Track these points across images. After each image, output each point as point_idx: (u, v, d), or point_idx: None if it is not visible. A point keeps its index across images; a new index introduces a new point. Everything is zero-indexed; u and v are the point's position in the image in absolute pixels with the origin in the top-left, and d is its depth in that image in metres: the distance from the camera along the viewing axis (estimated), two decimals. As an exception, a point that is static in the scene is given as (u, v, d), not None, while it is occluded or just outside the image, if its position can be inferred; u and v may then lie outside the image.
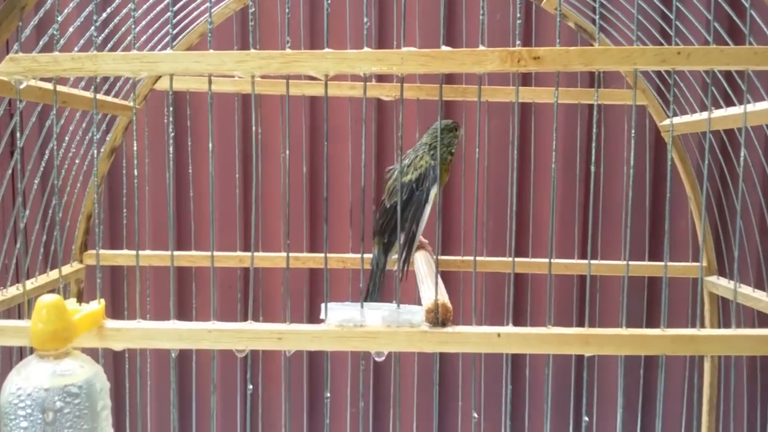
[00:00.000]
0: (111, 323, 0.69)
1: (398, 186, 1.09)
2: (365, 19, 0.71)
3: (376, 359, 0.72)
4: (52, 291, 0.99)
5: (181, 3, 1.16)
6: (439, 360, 1.61)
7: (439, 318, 0.71)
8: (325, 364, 0.71)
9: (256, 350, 1.41)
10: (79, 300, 1.13)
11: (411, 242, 1.08)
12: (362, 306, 0.71)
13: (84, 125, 1.09)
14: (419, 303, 0.76)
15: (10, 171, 0.87)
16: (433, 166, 1.08)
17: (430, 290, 0.76)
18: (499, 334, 0.70)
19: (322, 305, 0.72)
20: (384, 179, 1.19)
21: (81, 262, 1.15)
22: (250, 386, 0.80)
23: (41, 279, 1.00)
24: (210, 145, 0.72)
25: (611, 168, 1.57)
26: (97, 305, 0.69)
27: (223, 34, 1.57)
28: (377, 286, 1.13)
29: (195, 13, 1.17)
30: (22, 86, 0.70)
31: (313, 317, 1.62)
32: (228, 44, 1.56)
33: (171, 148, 0.71)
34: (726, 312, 1.23)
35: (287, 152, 0.72)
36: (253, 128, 0.72)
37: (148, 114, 1.52)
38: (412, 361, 1.63)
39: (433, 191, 1.08)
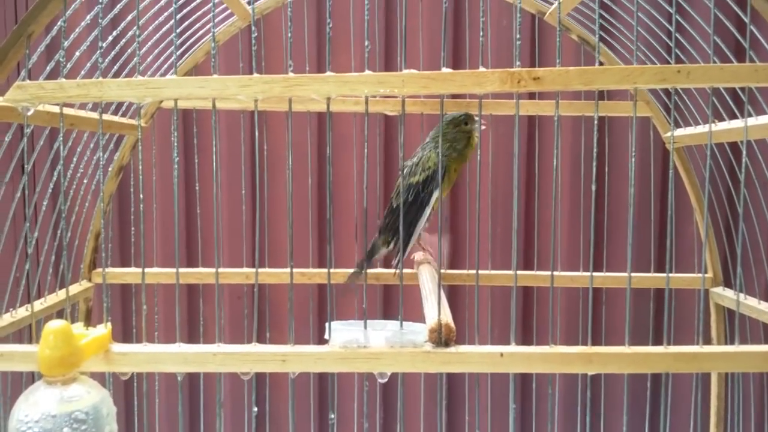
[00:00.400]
0: (117, 347, 0.70)
1: (405, 186, 1.08)
2: (366, 43, 0.72)
3: (380, 380, 0.73)
4: (60, 311, 1.00)
5: (187, 22, 1.18)
6: (447, 375, 1.62)
7: (442, 338, 0.71)
8: (330, 386, 0.72)
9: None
10: (88, 318, 1.15)
11: (405, 243, 1.07)
12: (365, 327, 0.72)
13: (92, 145, 1.11)
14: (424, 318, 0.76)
15: (19, 193, 0.88)
16: (436, 170, 1.06)
17: (434, 309, 0.76)
18: (502, 354, 0.71)
19: (327, 324, 0.73)
20: (395, 177, 1.16)
21: (90, 280, 1.16)
22: (255, 408, 0.80)
23: (50, 299, 1.00)
24: (214, 165, 0.72)
25: (618, 178, 1.57)
26: (104, 329, 0.70)
27: (230, 51, 1.59)
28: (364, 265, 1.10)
29: (201, 32, 1.18)
30: (29, 113, 0.71)
31: (323, 333, 1.63)
32: (235, 60, 1.57)
33: (176, 172, 0.72)
34: (734, 323, 1.23)
35: (290, 172, 0.72)
36: (257, 148, 0.73)
37: (155, 132, 1.54)
38: (418, 376, 1.63)
39: (435, 195, 1.07)
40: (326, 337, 0.72)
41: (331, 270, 1.24)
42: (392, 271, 1.26)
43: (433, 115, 1.33)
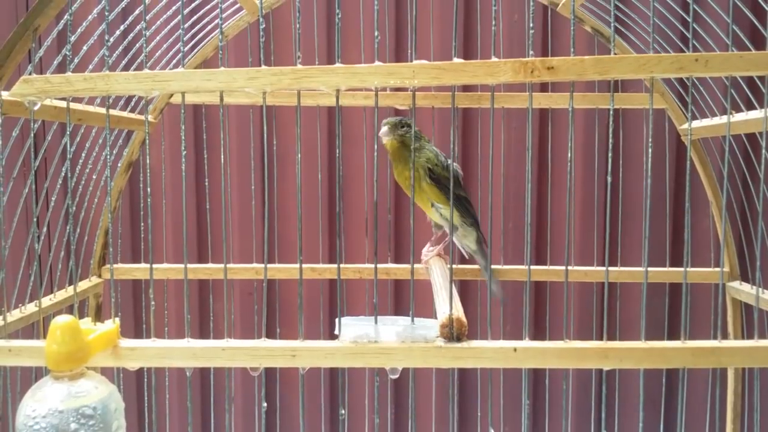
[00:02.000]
0: (125, 342, 0.69)
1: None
2: (376, 33, 0.70)
3: (391, 376, 0.72)
4: (70, 307, 1.00)
5: (196, 16, 1.17)
6: (458, 370, 1.60)
7: (454, 333, 0.70)
8: (339, 381, 0.71)
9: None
10: (99, 314, 1.14)
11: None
12: (376, 321, 0.71)
13: (101, 140, 1.10)
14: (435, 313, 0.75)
15: (26, 189, 0.88)
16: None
17: (445, 304, 0.75)
18: (515, 349, 0.69)
19: (336, 320, 0.72)
20: None
21: (99, 276, 1.16)
22: (265, 404, 0.79)
23: (59, 295, 1.00)
24: (222, 160, 0.72)
25: (633, 170, 1.55)
26: (112, 324, 0.69)
27: (240, 46, 1.58)
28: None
29: (209, 27, 1.18)
30: (36, 107, 0.71)
31: (333, 328, 1.62)
32: (244, 55, 1.57)
33: (184, 166, 0.71)
34: (751, 318, 1.21)
35: (299, 167, 0.71)
36: (265, 143, 0.72)
37: (164, 127, 1.53)
38: (430, 372, 1.62)
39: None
40: (336, 332, 0.72)
41: (343, 265, 1.25)
42: (405, 266, 1.25)
43: (444, 108, 1.31)
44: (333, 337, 0.72)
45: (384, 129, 1.07)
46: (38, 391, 0.61)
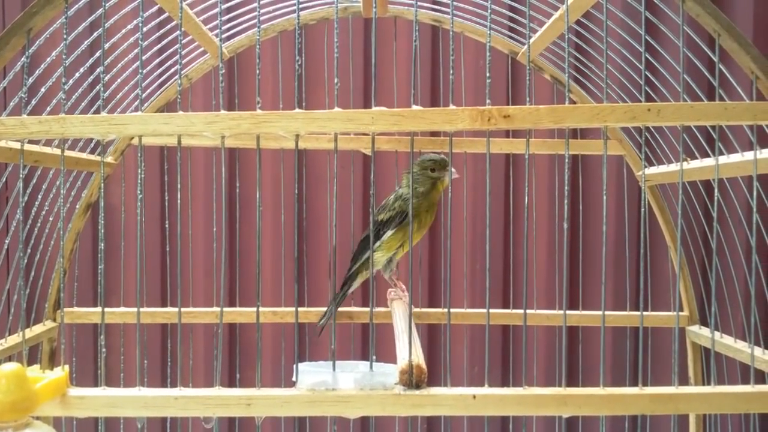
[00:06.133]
0: (74, 391, 0.67)
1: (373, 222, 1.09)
2: (336, 80, 0.71)
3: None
4: (19, 353, 0.97)
5: (161, 57, 1.17)
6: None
7: (413, 380, 0.69)
8: (295, 428, 0.69)
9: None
10: (53, 360, 1.11)
11: (352, 277, 1.14)
12: (334, 368, 0.70)
13: (58, 182, 1.09)
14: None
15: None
16: (402, 211, 1.07)
17: (405, 349, 0.74)
18: (474, 396, 0.69)
19: (294, 366, 0.71)
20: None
21: (54, 320, 1.13)
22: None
23: (11, 340, 0.97)
24: (179, 203, 0.71)
25: (594, 215, 1.57)
26: (61, 372, 0.67)
27: (206, 89, 1.58)
28: (334, 304, 1.13)
29: (173, 69, 1.18)
30: (-12, 149, 0.69)
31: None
32: (210, 98, 1.57)
33: (139, 210, 0.70)
34: (710, 363, 1.22)
35: (258, 211, 0.71)
36: (224, 186, 0.72)
37: (128, 167, 1.52)
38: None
39: (388, 234, 1.08)
40: (294, 379, 0.70)
41: (304, 309, 1.23)
42: (365, 309, 1.24)
43: (408, 153, 1.32)
44: (294, 384, 0.70)
45: (452, 170, 1.06)
46: (-21, 443, 0.58)
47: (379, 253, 1.09)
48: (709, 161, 0.97)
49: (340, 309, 1.19)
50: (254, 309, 1.24)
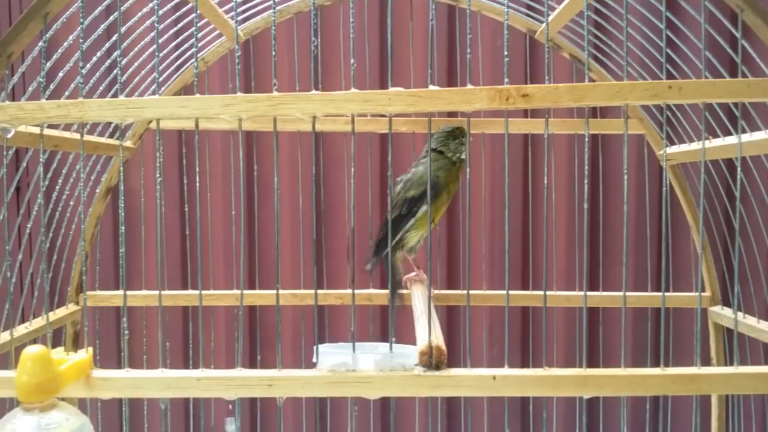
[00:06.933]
0: (98, 372, 0.68)
1: (398, 201, 1.07)
2: (352, 61, 0.71)
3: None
4: (43, 336, 0.98)
5: (178, 39, 1.17)
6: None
7: (432, 361, 0.69)
8: (316, 409, 0.70)
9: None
10: (76, 342, 1.12)
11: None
12: (354, 349, 0.70)
13: (78, 167, 1.09)
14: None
15: (1, 216, 0.87)
16: (434, 184, 1.05)
17: (425, 331, 0.74)
18: (494, 377, 0.69)
19: (314, 348, 0.71)
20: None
21: (77, 303, 1.14)
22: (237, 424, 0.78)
23: (35, 323, 0.98)
24: (197, 186, 0.71)
25: (614, 196, 1.56)
26: (85, 354, 0.68)
27: (223, 72, 1.58)
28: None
29: (190, 52, 1.18)
30: (9, 135, 0.70)
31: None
32: (227, 80, 1.57)
33: (159, 193, 0.71)
34: (733, 343, 1.21)
35: (276, 194, 0.71)
36: (241, 168, 0.72)
37: (147, 152, 1.53)
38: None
39: (423, 209, 1.06)
40: (314, 360, 0.71)
41: (323, 291, 1.24)
42: (383, 291, 1.24)
43: (425, 133, 1.32)
44: (314, 365, 0.71)
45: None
46: (8, 423, 0.59)
47: (413, 232, 1.08)
48: (731, 139, 0.96)
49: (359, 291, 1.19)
50: (274, 291, 1.25)
